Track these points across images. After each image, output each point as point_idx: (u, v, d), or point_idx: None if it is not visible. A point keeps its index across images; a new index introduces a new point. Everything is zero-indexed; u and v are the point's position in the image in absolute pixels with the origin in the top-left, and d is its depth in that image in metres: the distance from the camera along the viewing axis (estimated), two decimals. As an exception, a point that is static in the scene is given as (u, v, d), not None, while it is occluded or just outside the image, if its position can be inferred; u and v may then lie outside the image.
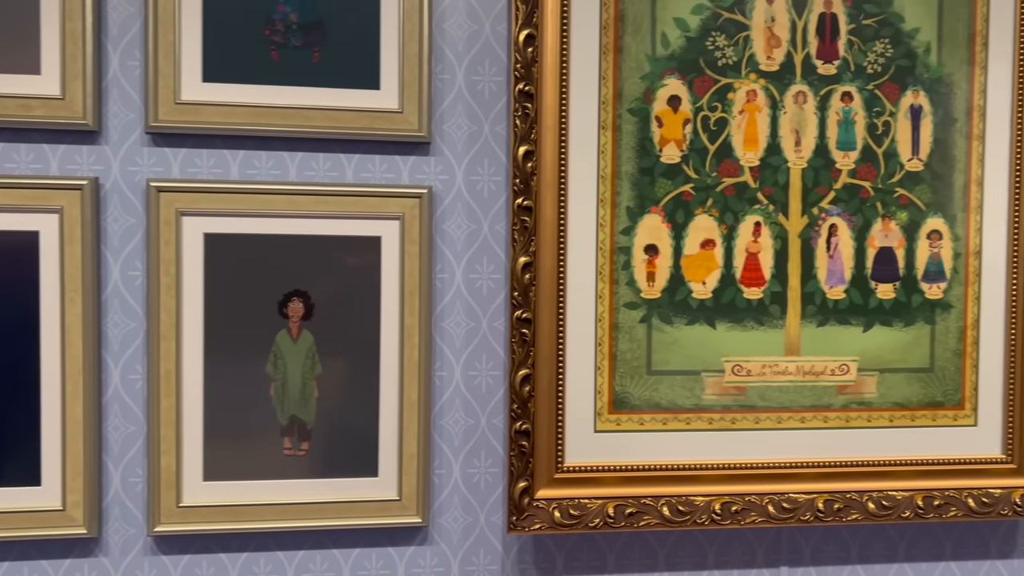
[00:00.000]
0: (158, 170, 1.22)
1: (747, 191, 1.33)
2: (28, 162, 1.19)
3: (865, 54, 1.34)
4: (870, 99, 1.34)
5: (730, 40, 1.31)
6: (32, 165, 1.19)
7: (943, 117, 1.36)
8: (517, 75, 1.24)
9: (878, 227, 1.35)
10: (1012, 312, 1.37)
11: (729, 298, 1.33)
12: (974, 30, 1.35)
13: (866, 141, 1.34)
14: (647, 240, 1.32)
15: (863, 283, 1.35)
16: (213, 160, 1.24)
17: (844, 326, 1.35)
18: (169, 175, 1.23)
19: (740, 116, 1.32)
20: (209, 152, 1.23)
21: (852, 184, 1.35)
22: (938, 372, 1.38)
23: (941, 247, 1.37)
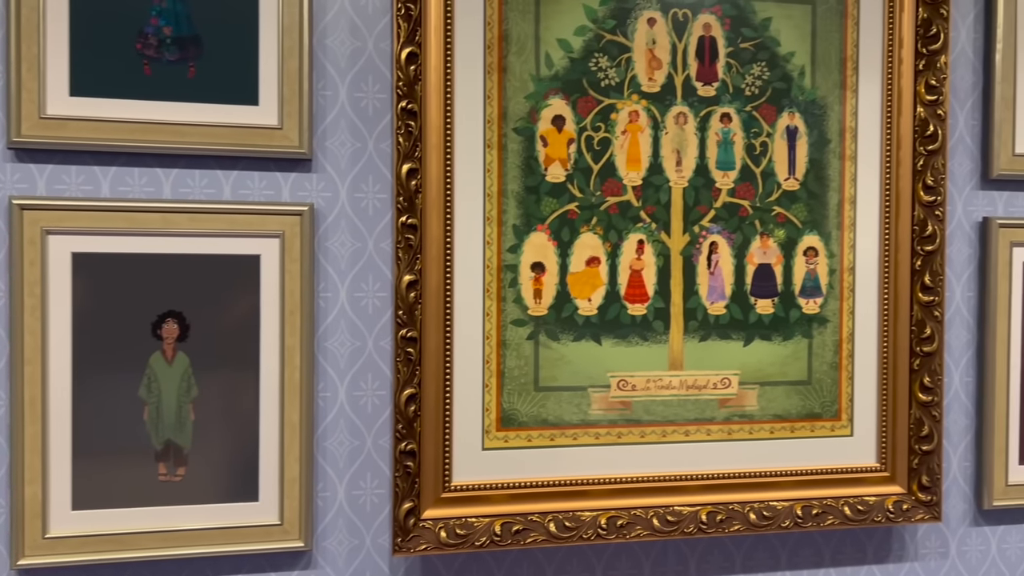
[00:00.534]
0: (22, 187, 1.19)
1: (630, 210, 1.38)
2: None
3: (743, 77, 1.40)
4: (748, 120, 1.41)
5: (612, 61, 1.36)
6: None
7: (818, 138, 1.43)
8: (400, 93, 1.26)
9: (757, 244, 1.42)
10: (884, 326, 1.46)
11: (614, 314, 1.38)
12: (845, 55, 1.44)
13: (744, 161, 1.41)
14: (534, 258, 1.35)
15: (743, 299, 1.42)
16: (83, 177, 1.21)
17: (725, 341, 1.41)
18: (34, 192, 1.20)
19: (623, 136, 1.37)
20: (78, 169, 1.21)
21: (731, 203, 1.41)
22: (816, 384, 1.45)
23: (817, 263, 1.44)
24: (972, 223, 1.52)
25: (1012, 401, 1.51)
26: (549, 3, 1.34)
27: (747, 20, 1.40)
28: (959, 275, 1.51)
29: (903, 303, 1.45)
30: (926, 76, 1.44)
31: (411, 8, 1.26)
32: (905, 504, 1.44)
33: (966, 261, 1.52)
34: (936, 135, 1.44)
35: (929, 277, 1.45)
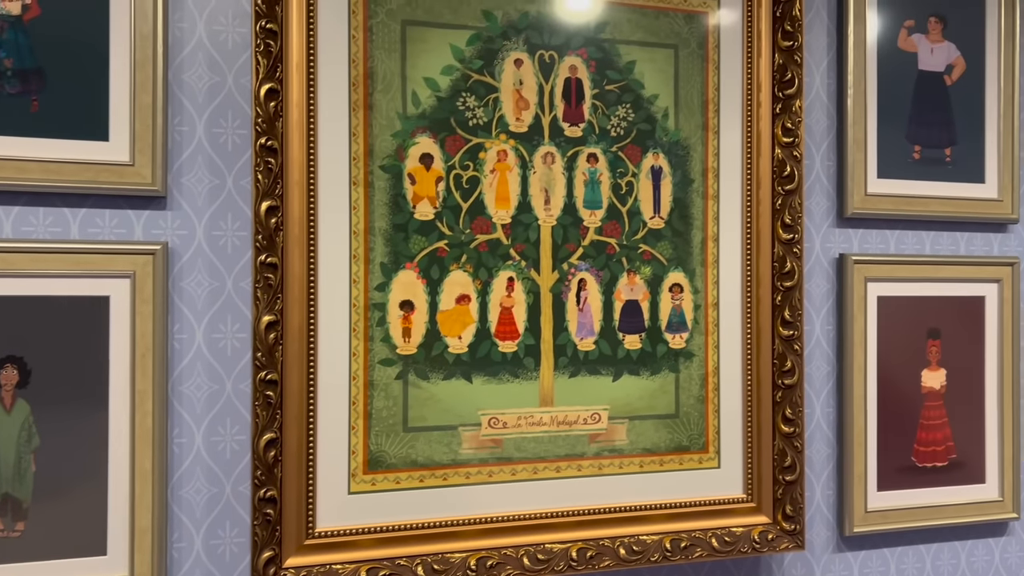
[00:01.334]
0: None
1: (500, 247, 1.41)
2: None
3: (609, 118, 1.47)
4: (614, 160, 1.47)
5: (480, 101, 1.40)
6: None
7: (681, 178, 1.51)
8: (259, 129, 1.26)
9: (624, 281, 1.48)
10: (748, 359, 1.54)
11: (485, 352, 1.41)
12: (707, 98, 1.53)
13: (611, 200, 1.47)
14: (402, 296, 1.37)
15: (611, 335, 1.47)
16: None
17: (595, 376, 1.46)
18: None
19: (492, 175, 1.41)
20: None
21: (599, 241, 1.47)
22: (683, 418, 1.51)
23: (682, 299, 1.51)
24: (830, 259, 1.62)
25: (870, 430, 1.61)
26: (415, 42, 1.37)
27: (612, 63, 1.47)
28: (819, 309, 1.62)
29: (765, 337, 1.54)
30: (783, 119, 1.54)
31: (271, 44, 1.28)
32: (770, 534, 1.52)
33: (825, 296, 1.62)
34: (793, 175, 1.54)
35: (789, 312, 1.54)
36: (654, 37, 1.50)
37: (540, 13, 1.43)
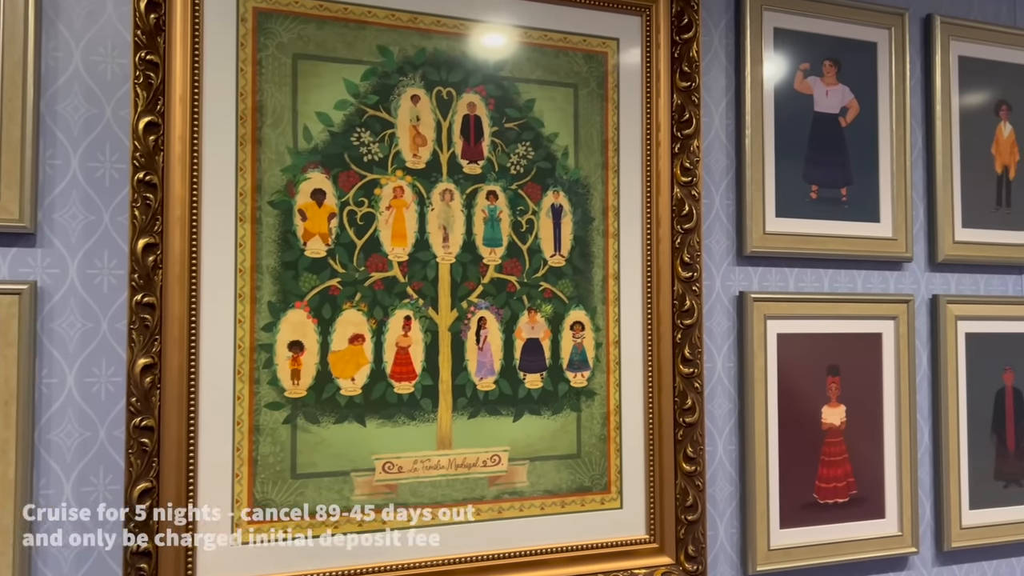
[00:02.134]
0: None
1: (396, 285, 1.40)
2: None
3: (508, 155, 1.48)
4: (514, 198, 1.48)
5: (376, 137, 1.40)
6: None
7: (582, 216, 1.53)
8: (137, 163, 1.23)
9: (525, 320, 1.48)
10: (649, 397, 1.55)
11: (379, 394, 1.38)
12: (607, 137, 1.55)
13: (511, 238, 1.48)
14: (291, 336, 1.34)
15: (512, 374, 1.47)
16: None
17: (495, 417, 1.45)
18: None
19: (388, 211, 1.40)
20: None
21: (499, 279, 1.47)
22: (585, 458, 1.51)
23: (584, 337, 1.52)
24: (730, 297, 1.66)
25: (772, 467, 1.64)
26: (307, 76, 1.36)
27: (511, 101, 1.49)
28: (720, 347, 1.65)
29: (666, 375, 1.56)
30: (681, 159, 1.58)
31: (151, 76, 1.25)
32: (673, 575, 1.52)
33: (726, 333, 1.65)
34: (691, 214, 1.57)
35: (689, 350, 1.56)
36: (554, 76, 1.52)
37: (438, 50, 1.44)
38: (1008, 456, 1.86)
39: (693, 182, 1.58)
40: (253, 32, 1.33)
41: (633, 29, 1.57)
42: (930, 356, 1.82)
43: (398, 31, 1.42)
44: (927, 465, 1.81)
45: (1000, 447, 1.86)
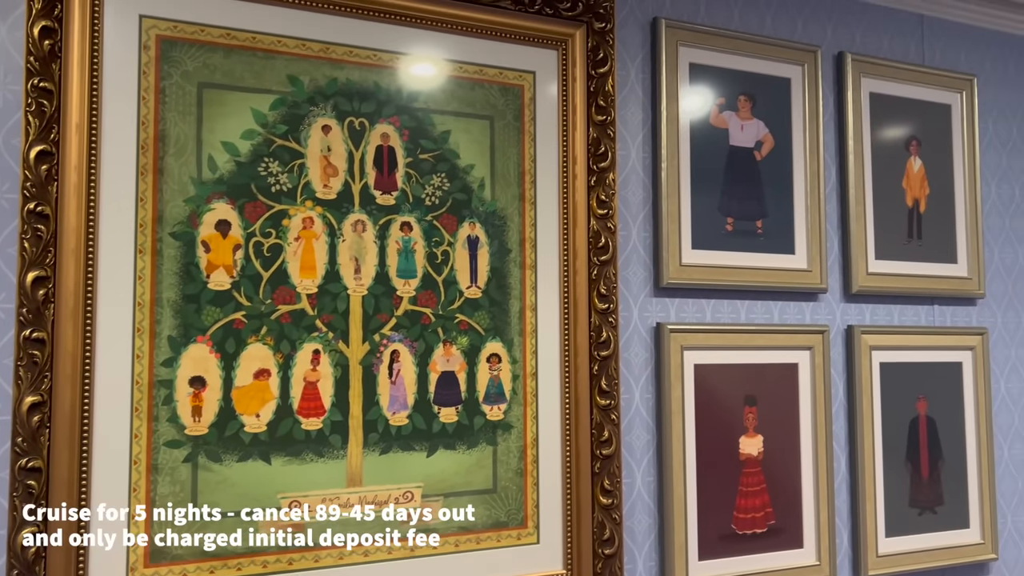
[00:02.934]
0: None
1: (305, 318, 1.38)
2: None
3: (423, 187, 1.48)
4: (429, 229, 1.48)
5: (284, 167, 1.38)
6: None
7: (499, 248, 1.53)
8: (28, 194, 1.19)
9: (440, 352, 1.47)
10: (567, 430, 1.55)
11: (286, 430, 1.36)
12: (523, 169, 1.56)
13: (426, 269, 1.47)
14: (193, 372, 1.31)
15: (426, 408, 1.45)
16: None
17: (408, 452, 1.44)
18: None
19: (296, 243, 1.38)
20: None
21: (413, 311, 1.46)
22: (501, 492, 1.50)
23: (500, 370, 1.52)
24: (647, 328, 1.67)
25: (690, 498, 1.65)
26: (213, 105, 1.34)
27: (426, 132, 1.49)
28: (638, 378, 1.66)
29: (583, 407, 1.56)
30: (597, 191, 1.60)
31: (44, 104, 1.22)
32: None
33: (643, 365, 1.67)
34: (608, 246, 1.59)
35: (606, 381, 1.57)
36: (470, 108, 1.53)
37: (350, 80, 1.44)
38: (922, 484, 1.91)
39: (609, 214, 1.60)
40: (156, 60, 1.31)
41: (549, 63, 1.60)
42: (846, 385, 1.86)
43: (309, 61, 1.41)
44: (844, 494, 1.84)
45: (914, 475, 1.90)
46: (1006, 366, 2.07)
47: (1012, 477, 2.05)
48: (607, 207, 1.60)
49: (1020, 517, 2.05)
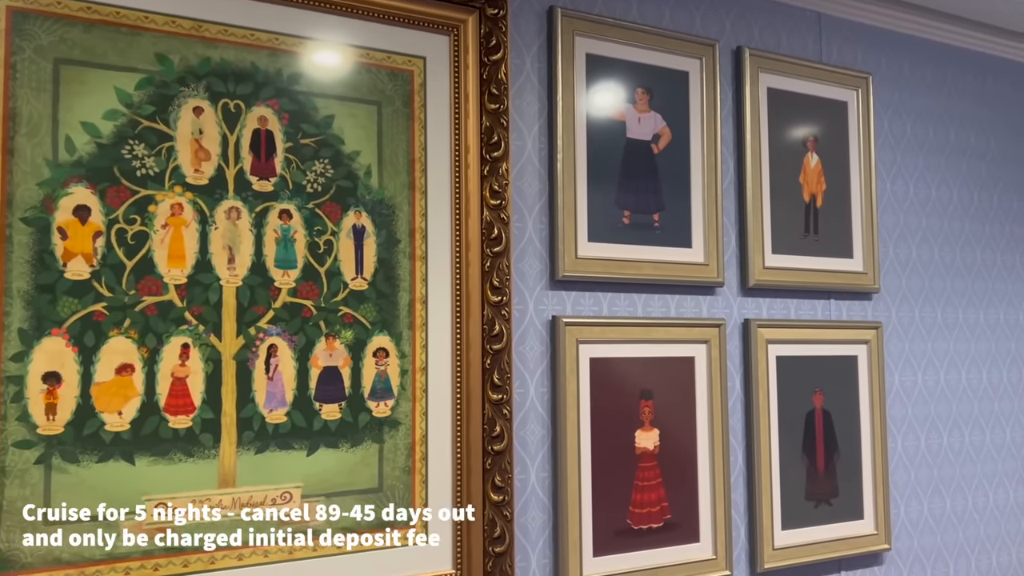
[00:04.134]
0: None
1: (172, 310, 1.31)
2: None
3: (304, 173, 1.43)
4: (311, 218, 1.43)
5: (151, 150, 1.31)
6: None
7: (387, 238, 1.49)
8: None
9: (322, 346, 1.42)
10: (457, 426, 1.52)
11: (151, 428, 1.29)
12: (413, 156, 1.53)
13: (307, 259, 1.42)
14: (46, 367, 1.23)
15: (306, 404, 1.40)
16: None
17: (286, 451, 1.38)
18: None
19: (163, 230, 1.32)
20: None
21: (293, 303, 1.40)
22: (387, 491, 1.46)
23: (388, 364, 1.48)
24: (543, 322, 1.66)
25: (584, 494, 1.64)
26: (71, 82, 1.27)
27: (308, 116, 1.44)
28: (533, 372, 1.64)
29: (475, 402, 1.53)
30: (490, 181, 1.57)
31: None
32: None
33: (539, 358, 1.65)
34: (501, 238, 1.56)
35: (498, 376, 1.54)
36: (355, 92, 1.48)
37: (224, 60, 1.38)
38: (818, 476, 1.94)
39: (503, 205, 1.57)
40: (7, 33, 1.23)
41: (441, 49, 1.56)
42: (742, 379, 1.88)
43: (179, 39, 1.35)
44: (741, 487, 1.86)
45: (810, 468, 1.94)
46: (900, 359, 2.13)
47: (905, 468, 2.11)
48: (500, 197, 1.57)
49: (912, 508, 2.11)
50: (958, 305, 2.24)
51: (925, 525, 2.12)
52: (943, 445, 2.18)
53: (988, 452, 2.26)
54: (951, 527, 2.16)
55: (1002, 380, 2.30)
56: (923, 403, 2.15)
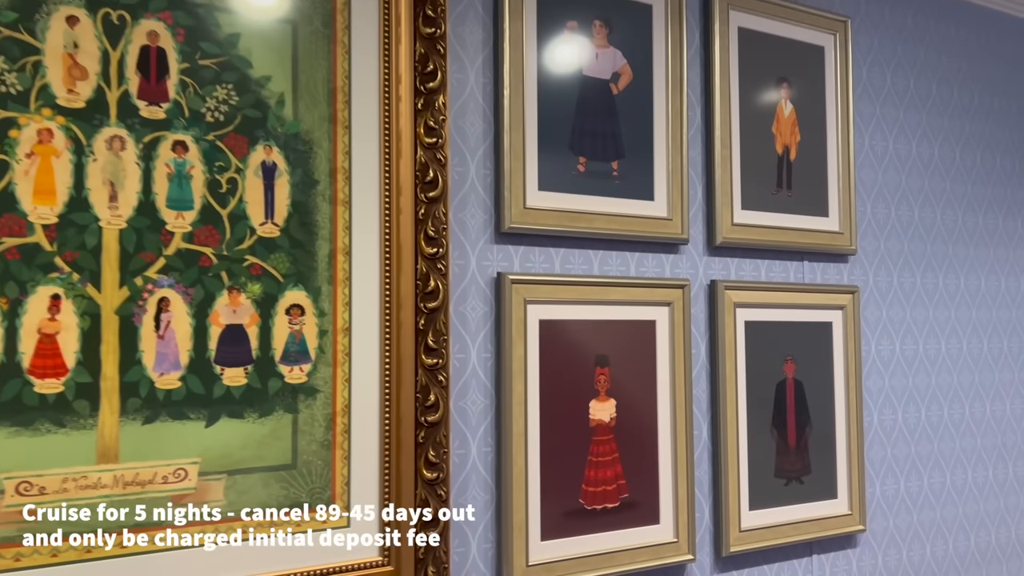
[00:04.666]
0: None
1: (39, 255, 1.11)
2: None
3: (203, 99, 1.23)
4: (211, 151, 1.23)
5: (13, 64, 1.11)
6: None
7: (302, 178, 1.30)
8: None
9: (224, 301, 1.23)
10: (386, 394, 1.34)
11: (12, 394, 1.09)
12: (335, 85, 1.33)
13: (206, 200, 1.22)
14: None
15: (205, 368, 1.21)
16: None
17: (180, 421, 1.19)
18: None
19: (28, 160, 1.11)
20: None
21: (189, 250, 1.21)
22: (303, 468, 1.28)
23: (304, 324, 1.29)
24: (487, 279, 1.48)
25: (532, 471, 1.47)
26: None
27: (208, 34, 1.24)
28: (475, 335, 1.46)
29: (407, 368, 1.35)
30: (425, 116, 1.38)
31: None
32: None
33: (482, 320, 1.47)
34: (437, 181, 1.38)
35: (433, 338, 1.37)
36: (266, 8, 1.28)
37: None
38: (789, 452, 1.80)
39: (439, 144, 1.39)
40: None
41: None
42: (708, 345, 1.72)
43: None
44: (705, 464, 1.70)
45: (780, 443, 1.79)
46: (877, 327, 1.98)
47: (881, 444, 1.97)
48: (437, 135, 1.39)
49: (888, 486, 1.97)
50: (938, 270, 2.10)
51: (901, 504, 1.99)
52: (921, 419, 2.04)
53: (967, 427, 2.13)
54: (928, 506, 2.03)
55: (983, 351, 2.17)
56: (901, 374, 2.01)
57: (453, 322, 1.43)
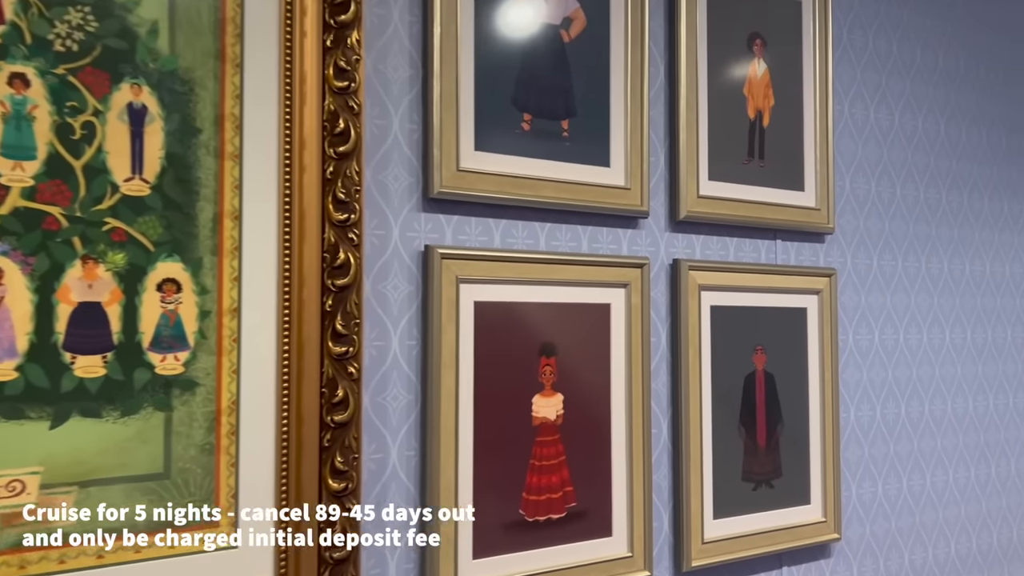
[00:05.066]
0: None
1: None
2: None
3: (51, 23, 0.99)
4: (61, 88, 1.00)
5: None
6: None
7: (180, 125, 1.07)
8: None
9: (76, 274, 1.00)
10: (284, 389, 1.12)
11: None
12: (223, 15, 1.10)
13: (54, 148, 0.99)
14: None
15: (51, 355, 0.98)
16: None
17: (16, 421, 0.96)
18: None
19: None
20: None
21: (30, 209, 0.98)
22: (178, 478, 1.05)
23: (180, 302, 1.06)
24: (412, 253, 1.26)
25: (463, 478, 1.26)
26: None
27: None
28: (397, 319, 1.24)
29: (311, 357, 1.13)
30: (335, 56, 1.16)
31: None
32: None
33: (407, 301, 1.25)
34: (348, 133, 1.16)
35: (342, 321, 1.15)
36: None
37: None
38: (757, 453, 1.61)
39: (352, 88, 1.17)
40: None
41: None
42: (669, 333, 1.52)
43: None
44: (664, 467, 1.51)
45: (749, 443, 1.60)
46: (855, 314, 1.81)
47: (858, 443, 1.79)
48: (349, 78, 1.16)
49: (865, 489, 1.80)
50: (920, 253, 1.93)
51: (879, 509, 1.82)
52: (900, 415, 1.87)
53: (949, 424, 1.97)
54: (907, 511, 1.87)
55: (966, 341, 2.01)
56: (880, 366, 1.84)
57: (370, 303, 1.21)
